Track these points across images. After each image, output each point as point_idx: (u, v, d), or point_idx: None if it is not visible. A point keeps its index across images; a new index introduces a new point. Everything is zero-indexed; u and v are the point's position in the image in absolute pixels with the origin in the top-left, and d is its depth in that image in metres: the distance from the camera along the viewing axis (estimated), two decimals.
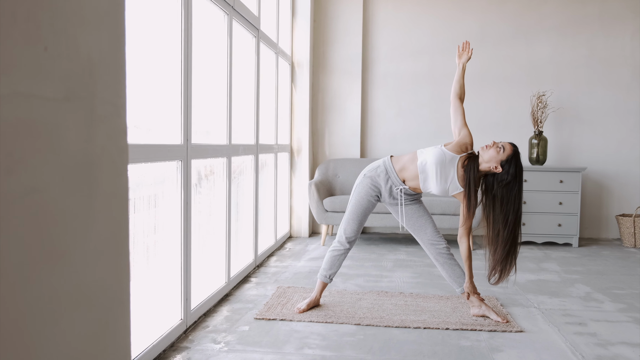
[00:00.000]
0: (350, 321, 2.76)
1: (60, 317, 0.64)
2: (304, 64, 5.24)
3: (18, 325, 0.58)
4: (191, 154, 2.60)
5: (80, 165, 0.67)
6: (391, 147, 5.56)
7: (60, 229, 0.64)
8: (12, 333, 0.57)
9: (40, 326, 0.61)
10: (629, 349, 2.47)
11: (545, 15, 5.43)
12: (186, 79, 2.52)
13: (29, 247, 0.59)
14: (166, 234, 2.45)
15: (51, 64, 0.61)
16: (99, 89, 0.70)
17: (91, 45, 0.68)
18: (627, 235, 5.07)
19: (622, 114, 5.42)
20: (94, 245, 0.70)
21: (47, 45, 0.60)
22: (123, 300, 0.76)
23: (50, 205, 0.62)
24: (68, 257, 0.65)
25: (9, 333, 0.57)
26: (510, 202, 2.68)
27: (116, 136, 0.74)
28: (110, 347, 0.73)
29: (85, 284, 0.68)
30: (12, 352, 0.57)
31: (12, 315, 0.57)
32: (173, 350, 2.35)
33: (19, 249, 0.58)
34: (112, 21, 0.73)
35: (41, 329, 0.61)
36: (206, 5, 2.92)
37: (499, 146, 2.71)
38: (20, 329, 0.58)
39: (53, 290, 0.63)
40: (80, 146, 0.67)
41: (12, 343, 0.57)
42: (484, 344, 2.50)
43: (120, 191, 0.76)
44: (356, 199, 2.90)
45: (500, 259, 2.70)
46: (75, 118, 0.66)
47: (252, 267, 3.84)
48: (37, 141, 0.59)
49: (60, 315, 0.64)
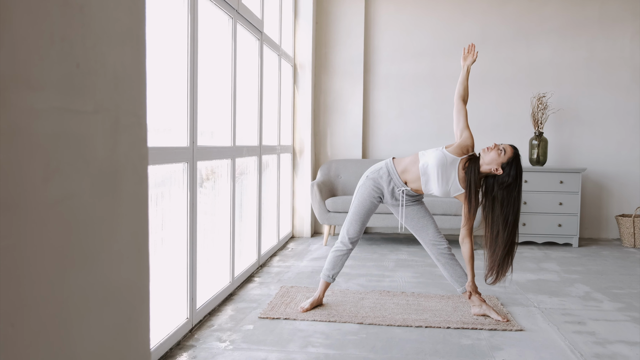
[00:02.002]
0: (353, 320, 2.81)
1: (90, 313, 0.70)
2: (306, 66, 5.29)
3: (54, 321, 0.63)
4: (197, 156, 2.65)
5: (106, 173, 0.72)
6: (393, 148, 5.61)
7: (90, 232, 0.69)
8: (48, 328, 0.62)
9: (72, 322, 0.66)
10: (627, 347, 2.52)
11: (546, 18, 5.48)
12: (192, 82, 2.57)
13: (63, 249, 0.64)
14: (172, 235, 2.50)
15: (82, 79, 0.66)
16: (123, 101, 0.75)
17: (117, 61, 0.74)
18: (627, 236, 5.11)
19: (621, 115, 5.46)
20: (119, 246, 0.75)
21: (79, 62, 0.65)
22: (144, 298, 0.81)
23: (81, 210, 0.67)
24: (97, 258, 0.70)
25: (46, 328, 0.62)
26: (510, 204, 2.73)
27: (138, 144, 0.79)
28: (133, 342, 0.78)
29: (111, 282, 0.73)
30: (48, 345, 0.62)
31: (49, 311, 0.62)
32: (180, 349, 2.40)
33: (55, 250, 0.63)
34: (135, 37, 0.78)
35: (73, 324, 0.66)
36: (211, 9, 2.97)
37: (500, 148, 2.75)
38: (55, 324, 0.63)
39: (84, 289, 0.68)
40: (106, 155, 0.72)
41: (48, 337, 0.62)
42: (485, 342, 2.55)
43: (141, 195, 0.81)
44: (359, 200, 2.95)
45: (499, 259, 2.75)
46: (102, 129, 0.71)
47: (256, 267, 3.89)
48: (70, 151, 0.65)
49: (90, 312, 0.70)
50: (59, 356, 0.63)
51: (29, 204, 0.57)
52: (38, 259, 0.60)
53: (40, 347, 0.61)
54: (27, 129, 0.57)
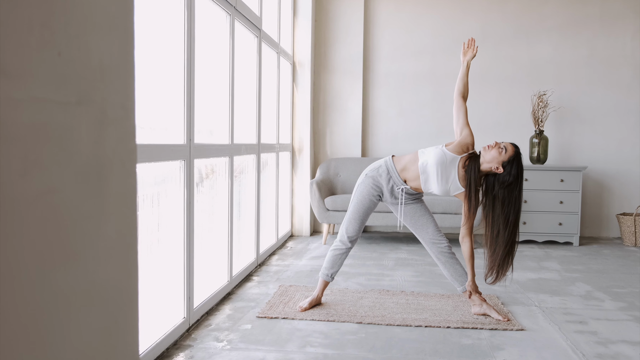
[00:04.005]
0: (352, 319, 2.78)
1: (74, 314, 0.66)
2: (305, 64, 5.26)
3: (35, 322, 0.60)
4: (194, 154, 2.62)
5: (91, 167, 0.69)
6: (392, 146, 5.57)
7: (73, 229, 0.66)
8: (29, 330, 0.59)
9: (55, 323, 0.63)
10: (629, 347, 2.49)
11: (546, 15, 5.44)
12: (189, 79, 2.54)
13: (44, 247, 0.61)
14: (169, 233, 2.47)
15: (64, 68, 0.63)
16: (109, 93, 0.72)
17: (102, 50, 0.70)
18: (628, 234, 5.08)
19: (622, 113, 5.43)
20: (105, 244, 0.72)
21: (61, 50, 0.62)
22: (132, 298, 0.78)
23: (64, 206, 0.64)
24: (81, 256, 0.67)
25: (26, 329, 0.59)
26: (511, 203, 2.70)
27: (126, 138, 0.76)
28: (120, 344, 0.75)
29: (97, 282, 0.70)
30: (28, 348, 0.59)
31: (29, 312, 0.59)
32: (176, 349, 2.37)
33: (35, 248, 0.60)
34: (122, 26, 0.74)
35: (56, 325, 0.63)
36: (209, 5, 2.94)
37: (500, 147, 2.72)
38: (37, 326, 0.60)
39: (67, 289, 0.65)
40: (91, 148, 0.69)
41: (29, 339, 0.59)
42: (485, 342, 2.52)
43: (129, 192, 0.78)
44: (358, 198, 2.92)
45: (499, 259, 2.72)
46: (87, 121, 0.68)
47: (254, 265, 3.86)
48: (51, 144, 0.61)
49: (74, 313, 0.66)
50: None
51: (5, 199, 0.54)
52: (17, 257, 0.57)
53: (19, 350, 0.58)
54: (3, 120, 0.54)
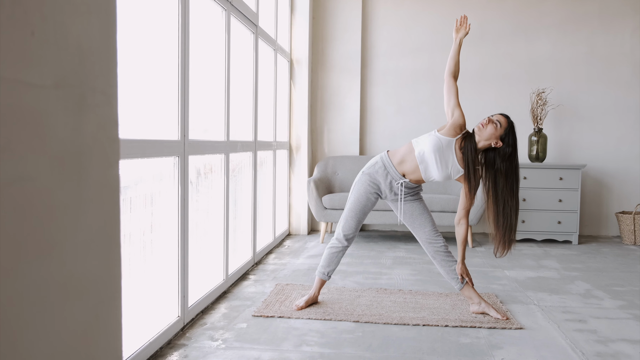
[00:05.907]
0: (349, 318, 2.75)
1: (50, 310, 0.63)
2: (302, 61, 5.22)
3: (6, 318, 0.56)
4: (188, 150, 2.58)
5: (69, 154, 0.65)
6: (390, 144, 5.53)
7: (49, 220, 0.62)
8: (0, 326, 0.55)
9: (28, 319, 0.59)
10: (629, 345, 2.46)
11: (545, 13, 5.41)
12: (183, 74, 2.50)
13: (14, 238, 0.57)
14: (163, 231, 2.44)
15: (39, 49, 0.60)
16: (89, 77, 0.68)
17: (81, 32, 0.67)
18: (627, 233, 5.06)
19: (621, 111, 5.40)
20: (84, 236, 0.68)
21: (34, 30, 0.59)
22: (114, 294, 0.74)
23: (38, 194, 0.60)
24: (57, 249, 0.64)
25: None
26: (513, 172, 2.72)
27: (107, 126, 0.73)
28: (101, 341, 0.71)
29: (75, 276, 0.67)
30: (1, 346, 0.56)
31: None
32: (170, 348, 2.34)
33: (5, 239, 0.56)
34: (103, 8, 0.71)
35: (30, 322, 0.60)
36: (204, 0, 2.90)
37: (494, 121, 2.70)
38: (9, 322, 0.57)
39: (41, 283, 0.61)
40: (69, 134, 0.65)
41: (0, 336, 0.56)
42: (484, 341, 2.49)
43: (111, 182, 0.74)
44: (355, 196, 2.89)
45: (508, 229, 2.73)
46: (64, 106, 0.64)
47: (251, 264, 3.82)
48: (24, 128, 0.58)
49: (50, 308, 0.63)
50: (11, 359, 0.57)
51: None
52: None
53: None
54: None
